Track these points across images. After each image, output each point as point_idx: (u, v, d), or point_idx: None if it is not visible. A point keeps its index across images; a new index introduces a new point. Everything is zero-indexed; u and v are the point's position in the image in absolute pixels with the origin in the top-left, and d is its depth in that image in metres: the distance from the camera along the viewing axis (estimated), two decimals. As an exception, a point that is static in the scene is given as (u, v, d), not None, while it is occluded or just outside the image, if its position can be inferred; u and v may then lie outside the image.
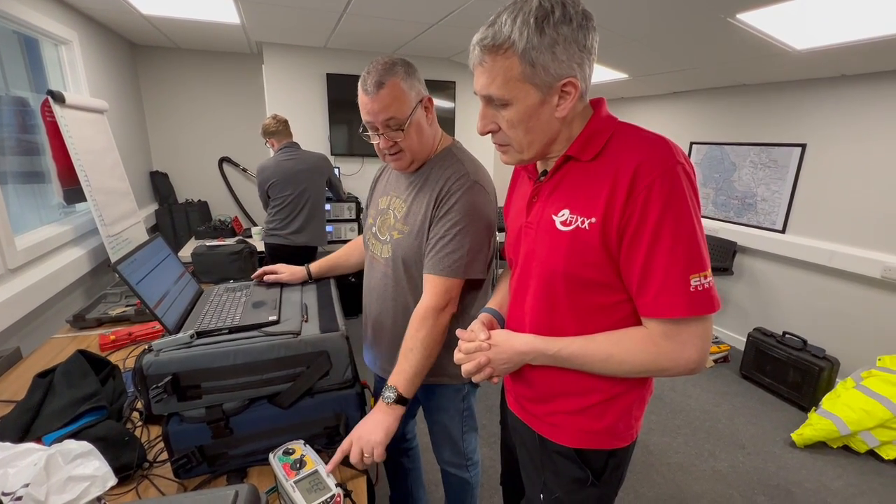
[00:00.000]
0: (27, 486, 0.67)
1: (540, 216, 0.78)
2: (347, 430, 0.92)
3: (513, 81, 0.67)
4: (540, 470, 0.90)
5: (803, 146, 2.87)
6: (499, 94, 0.69)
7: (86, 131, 2.22)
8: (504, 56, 0.66)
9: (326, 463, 0.81)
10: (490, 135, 0.76)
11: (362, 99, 0.98)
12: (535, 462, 0.91)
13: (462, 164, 1.03)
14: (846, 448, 2.28)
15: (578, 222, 0.71)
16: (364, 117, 1.00)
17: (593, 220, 0.69)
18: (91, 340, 1.45)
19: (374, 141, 1.03)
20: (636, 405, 0.82)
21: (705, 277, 0.66)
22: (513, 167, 0.93)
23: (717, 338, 3.53)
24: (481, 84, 0.71)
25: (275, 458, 0.80)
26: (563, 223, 0.73)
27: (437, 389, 1.21)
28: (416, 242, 1.04)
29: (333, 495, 0.73)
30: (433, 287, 0.99)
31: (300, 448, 0.83)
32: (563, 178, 0.76)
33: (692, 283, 0.65)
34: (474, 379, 0.82)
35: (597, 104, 0.76)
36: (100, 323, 1.57)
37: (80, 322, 1.54)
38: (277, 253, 2.68)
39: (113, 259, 2.18)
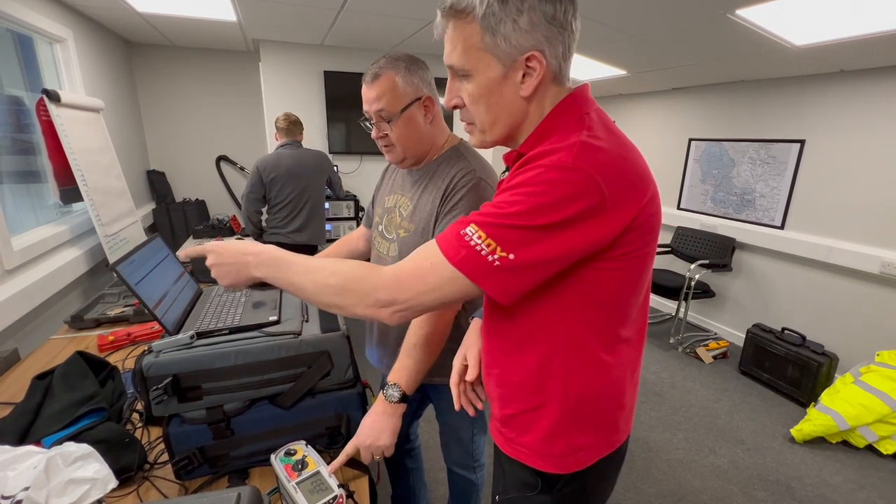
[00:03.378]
0: (27, 489, 0.67)
1: None
2: (349, 430, 0.92)
3: (472, 50, 0.64)
4: (500, 467, 0.88)
5: (802, 142, 2.87)
6: (459, 64, 0.66)
7: (82, 130, 2.20)
8: (465, 21, 0.63)
9: (328, 463, 0.80)
10: (459, 112, 0.73)
11: (362, 88, 1.03)
12: (497, 459, 0.90)
13: (468, 161, 1.04)
14: (845, 443, 2.29)
15: None
16: (364, 106, 1.04)
17: None
18: (89, 341, 1.44)
19: (370, 130, 1.07)
20: (569, 430, 0.72)
21: (484, 239, 0.59)
22: None
23: (716, 334, 3.54)
24: (446, 53, 0.68)
25: (276, 460, 0.80)
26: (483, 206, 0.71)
27: (449, 390, 1.21)
28: (423, 240, 1.04)
29: (336, 496, 0.73)
30: None
31: (302, 449, 0.82)
32: (515, 176, 0.72)
33: (467, 230, 0.61)
34: None
35: (573, 92, 0.68)
36: (98, 323, 1.56)
37: (78, 323, 1.53)
38: None
39: (111, 259, 2.18)
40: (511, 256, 0.58)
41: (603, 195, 0.57)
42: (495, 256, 0.59)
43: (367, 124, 1.07)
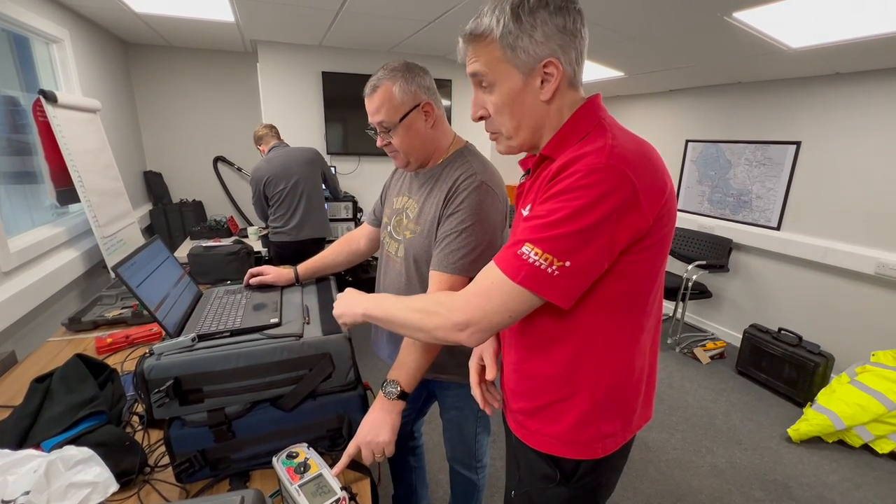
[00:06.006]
0: (27, 493, 0.66)
1: (518, 213, 0.81)
2: (350, 433, 0.92)
3: (494, 62, 0.70)
4: (515, 462, 0.90)
5: (798, 144, 2.89)
6: (482, 71, 0.72)
7: (78, 131, 2.19)
8: (485, 44, 0.70)
9: (329, 465, 0.80)
10: (484, 123, 0.79)
11: (365, 100, 1.07)
12: (512, 455, 0.92)
13: (471, 164, 1.05)
14: (841, 443, 2.30)
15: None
16: (368, 117, 1.08)
17: None
18: (87, 343, 1.43)
19: (376, 139, 1.10)
20: (599, 418, 0.76)
21: (541, 254, 0.64)
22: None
23: (713, 334, 3.56)
24: (469, 66, 0.74)
25: (278, 462, 0.80)
26: (525, 220, 0.74)
27: (455, 388, 1.22)
28: (427, 242, 1.06)
29: (339, 498, 0.72)
30: (437, 283, 1.00)
31: (303, 451, 0.82)
32: (537, 177, 0.76)
33: (523, 249, 0.65)
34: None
35: (589, 100, 0.73)
36: (96, 325, 1.55)
37: (75, 325, 1.52)
38: (283, 251, 2.67)
39: (108, 260, 2.17)
40: (567, 264, 0.63)
41: (635, 187, 0.62)
42: (554, 267, 0.64)
43: (373, 133, 1.10)
